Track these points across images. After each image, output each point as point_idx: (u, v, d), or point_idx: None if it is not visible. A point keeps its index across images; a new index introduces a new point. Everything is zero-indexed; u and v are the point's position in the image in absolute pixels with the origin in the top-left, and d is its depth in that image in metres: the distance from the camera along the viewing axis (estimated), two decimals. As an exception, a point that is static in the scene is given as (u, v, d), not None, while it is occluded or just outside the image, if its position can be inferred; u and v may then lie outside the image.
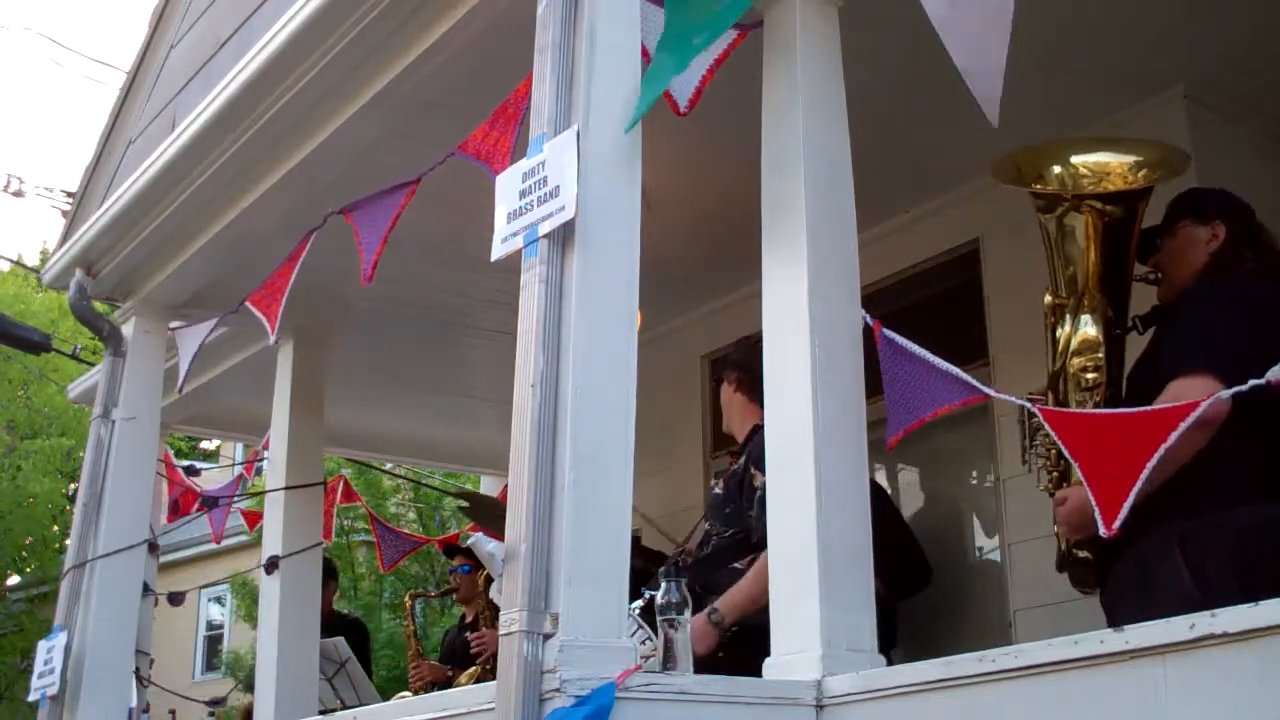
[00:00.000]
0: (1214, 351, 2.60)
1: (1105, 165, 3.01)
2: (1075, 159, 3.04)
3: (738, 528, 3.68)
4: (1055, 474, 3.06)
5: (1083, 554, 3.04)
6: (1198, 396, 2.39)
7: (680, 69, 2.81)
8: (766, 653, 2.67)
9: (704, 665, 3.24)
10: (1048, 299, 3.03)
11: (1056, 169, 3.02)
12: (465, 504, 5.77)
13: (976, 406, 3.12)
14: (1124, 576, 2.75)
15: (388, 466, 13.33)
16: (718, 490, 3.82)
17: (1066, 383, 2.95)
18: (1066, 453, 2.43)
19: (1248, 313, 2.68)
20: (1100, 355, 2.86)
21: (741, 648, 3.30)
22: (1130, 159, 3.04)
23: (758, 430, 3.73)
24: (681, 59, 2.80)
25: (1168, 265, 3.02)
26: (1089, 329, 2.89)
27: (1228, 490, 2.58)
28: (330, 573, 6.82)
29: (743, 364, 3.86)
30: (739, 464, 3.75)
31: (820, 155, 2.88)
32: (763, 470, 3.54)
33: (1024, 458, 3.18)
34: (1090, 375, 2.88)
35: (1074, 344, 2.89)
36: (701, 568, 3.70)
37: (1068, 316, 2.91)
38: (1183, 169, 3.09)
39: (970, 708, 2.24)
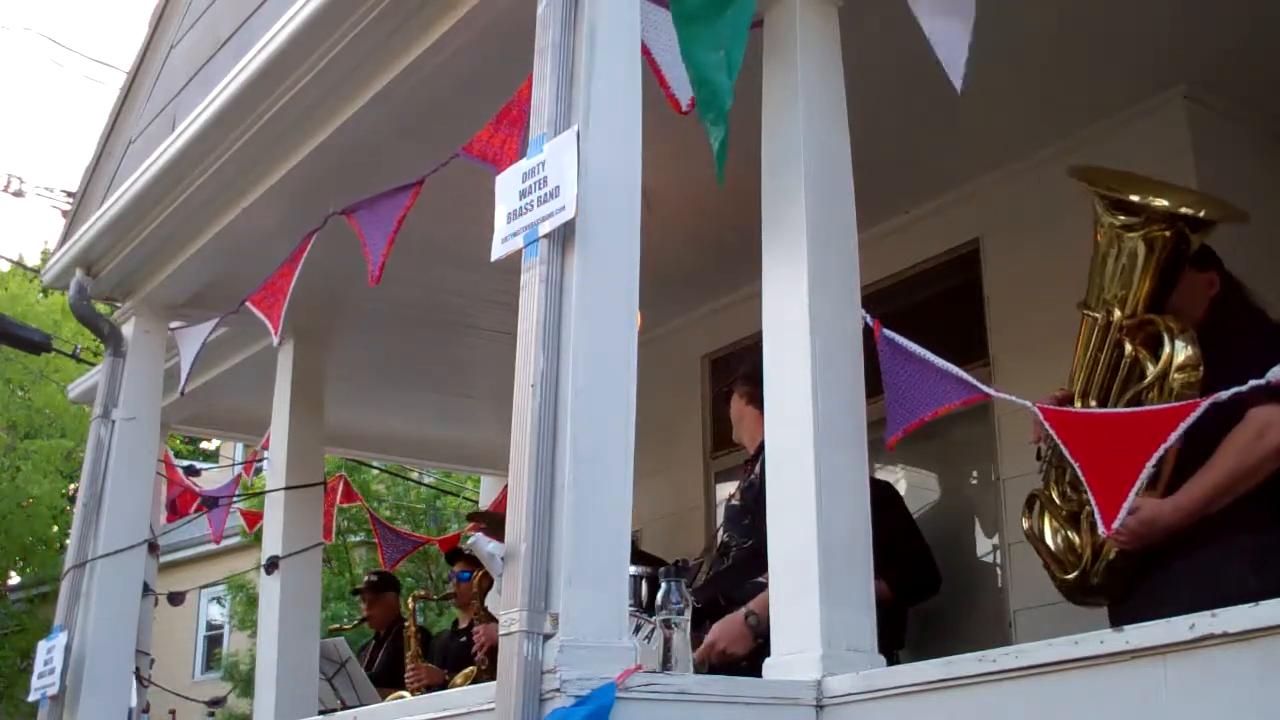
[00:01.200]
0: None
1: (1172, 201, 3.05)
2: (1146, 194, 3.07)
3: (756, 539, 3.69)
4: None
5: (1113, 562, 3.03)
6: None
7: (728, 80, 2.78)
8: None
9: (739, 666, 3.27)
10: (1115, 316, 3.05)
11: (1134, 196, 3.05)
12: (483, 524, 5.78)
13: (976, 406, 3.12)
14: (1174, 589, 2.76)
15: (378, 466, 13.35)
16: (735, 502, 3.84)
17: (1161, 400, 2.96)
18: (1068, 454, 2.43)
19: None
20: (1200, 372, 2.90)
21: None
22: (1194, 202, 3.08)
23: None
24: (722, 72, 2.79)
25: (1178, 306, 3.09)
26: (1190, 349, 2.93)
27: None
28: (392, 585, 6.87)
29: (752, 376, 3.88)
30: (755, 474, 3.75)
31: (820, 155, 2.88)
32: None
33: (1041, 469, 3.21)
34: (1190, 392, 2.91)
35: (1177, 361, 2.92)
36: (723, 579, 3.73)
37: (1162, 336, 2.93)
38: (1239, 221, 3.12)
39: (971, 708, 2.24)
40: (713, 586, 3.73)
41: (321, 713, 5.16)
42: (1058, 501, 3.18)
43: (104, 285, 5.07)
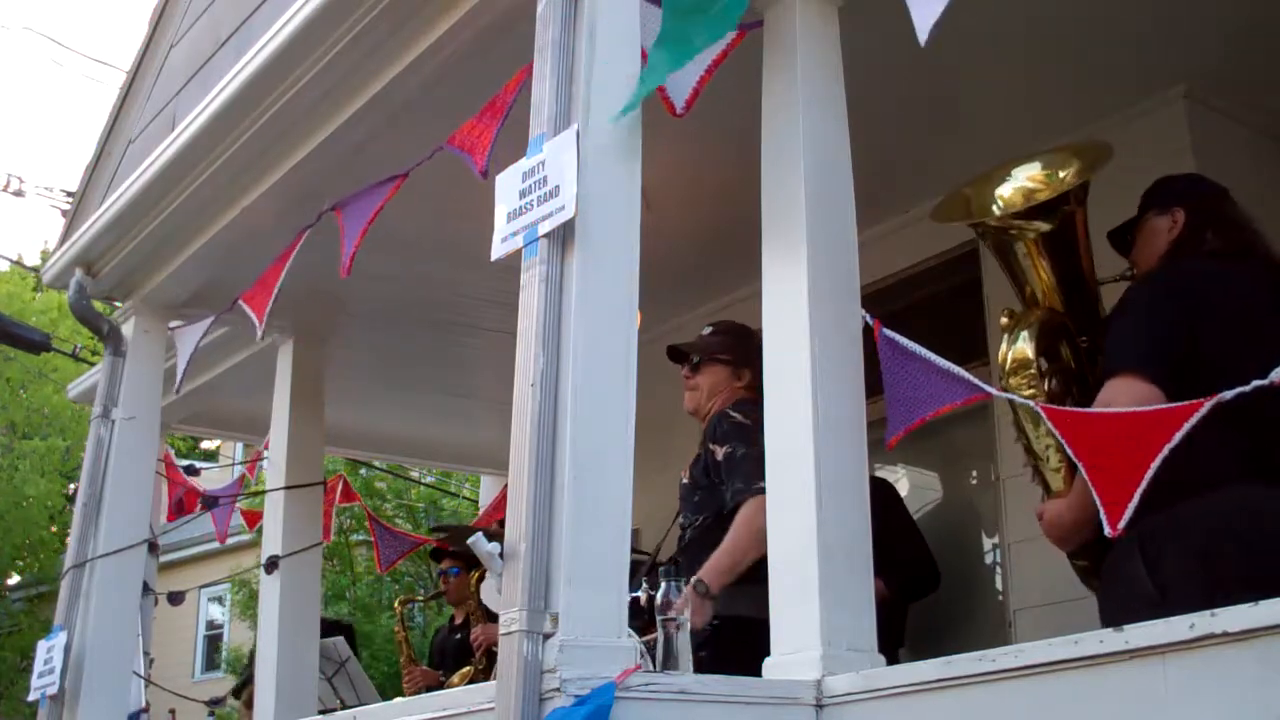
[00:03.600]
0: (1141, 351, 2.59)
1: (1031, 181, 3.03)
2: (1001, 187, 3.07)
3: (707, 512, 3.65)
4: (1038, 481, 3.03)
5: (1080, 562, 3.04)
6: (1126, 398, 2.44)
7: (677, 66, 2.80)
8: (760, 646, 2.65)
9: (699, 640, 3.20)
10: (1003, 321, 3.04)
11: (991, 200, 3.05)
12: (444, 535, 5.79)
13: (976, 406, 3.11)
14: (1103, 578, 2.75)
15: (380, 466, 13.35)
16: (684, 480, 3.79)
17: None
18: (1070, 453, 2.43)
19: (1183, 304, 2.64)
20: (1033, 371, 2.84)
21: (734, 641, 3.27)
22: (1050, 169, 3.06)
23: (721, 415, 3.69)
24: (679, 58, 2.80)
25: (1137, 259, 3.01)
26: (1021, 345, 2.88)
27: (1195, 484, 2.54)
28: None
29: (737, 343, 3.85)
30: (703, 449, 3.70)
31: (820, 155, 2.88)
32: (720, 443, 3.54)
33: (1026, 461, 3.18)
34: (1028, 392, 2.87)
35: (1009, 364, 2.89)
36: (683, 560, 3.66)
37: (1004, 336, 2.91)
38: (1103, 158, 3.06)
39: (970, 708, 2.24)
40: (677, 571, 3.68)
41: (321, 713, 5.16)
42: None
43: (104, 285, 5.07)
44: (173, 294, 5.02)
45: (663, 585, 2.94)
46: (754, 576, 3.10)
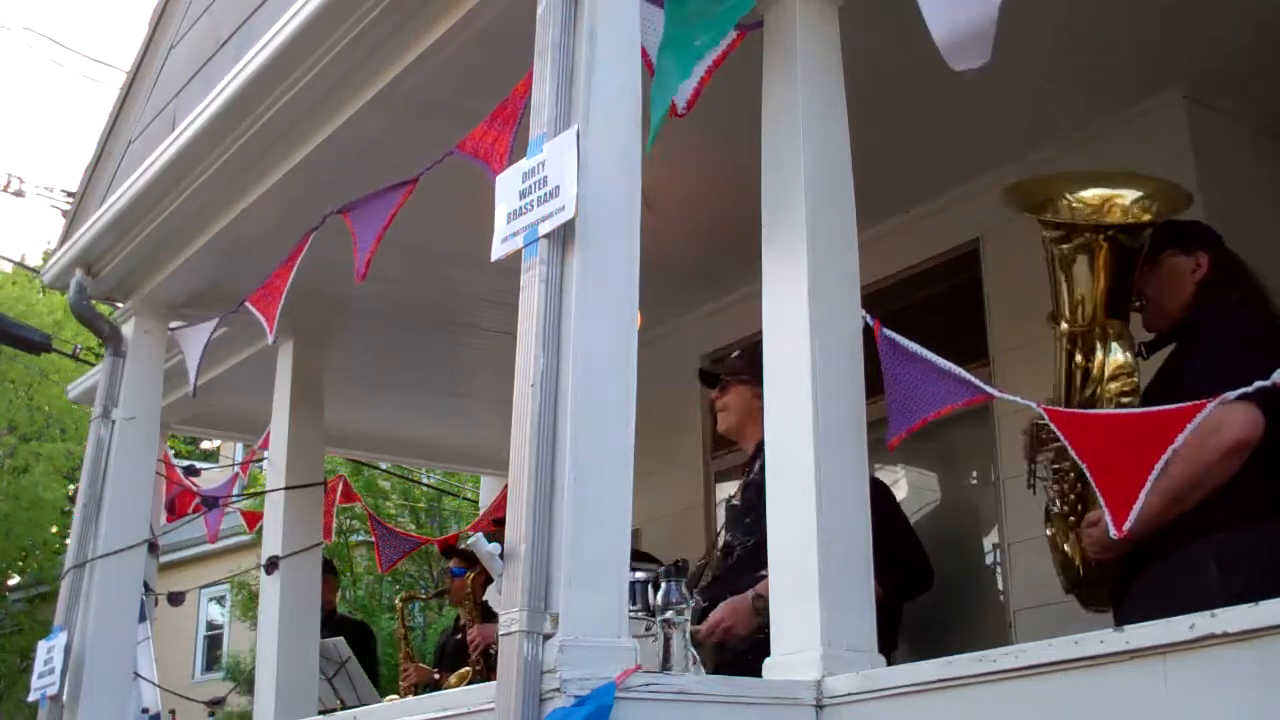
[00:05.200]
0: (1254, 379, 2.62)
1: (1107, 197, 3.03)
2: (1080, 192, 3.07)
3: (758, 536, 3.69)
4: (1072, 495, 3.05)
5: (1102, 573, 3.04)
6: (1246, 420, 2.50)
7: (685, 75, 2.83)
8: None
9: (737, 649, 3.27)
10: (1063, 326, 3.03)
11: (1064, 201, 3.04)
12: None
13: (976, 406, 3.12)
14: (1148, 593, 2.75)
15: (383, 466, 13.36)
16: (735, 502, 3.84)
17: (1100, 408, 2.94)
18: (1075, 455, 2.43)
19: (1266, 347, 2.72)
20: (1135, 379, 2.88)
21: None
22: (1133, 193, 3.06)
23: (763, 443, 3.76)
24: (685, 64, 2.81)
25: (1155, 294, 3.06)
26: (1120, 355, 2.90)
27: (1262, 505, 2.62)
28: (329, 569, 6.81)
29: (755, 363, 3.89)
30: (754, 473, 3.75)
31: (820, 155, 2.88)
32: None
33: (1029, 482, 3.18)
34: (1126, 399, 2.90)
35: (1109, 369, 2.91)
36: (729, 576, 3.73)
37: (1095, 344, 2.92)
38: (1184, 206, 3.11)
39: (970, 708, 2.24)
40: (720, 585, 3.73)
41: (321, 713, 5.16)
42: (1052, 509, 3.17)
43: (104, 285, 5.07)
44: (173, 294, 5.02)
45: (663, 586, 2.94)
46: None
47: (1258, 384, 2.26)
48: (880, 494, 4.34)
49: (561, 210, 2.53)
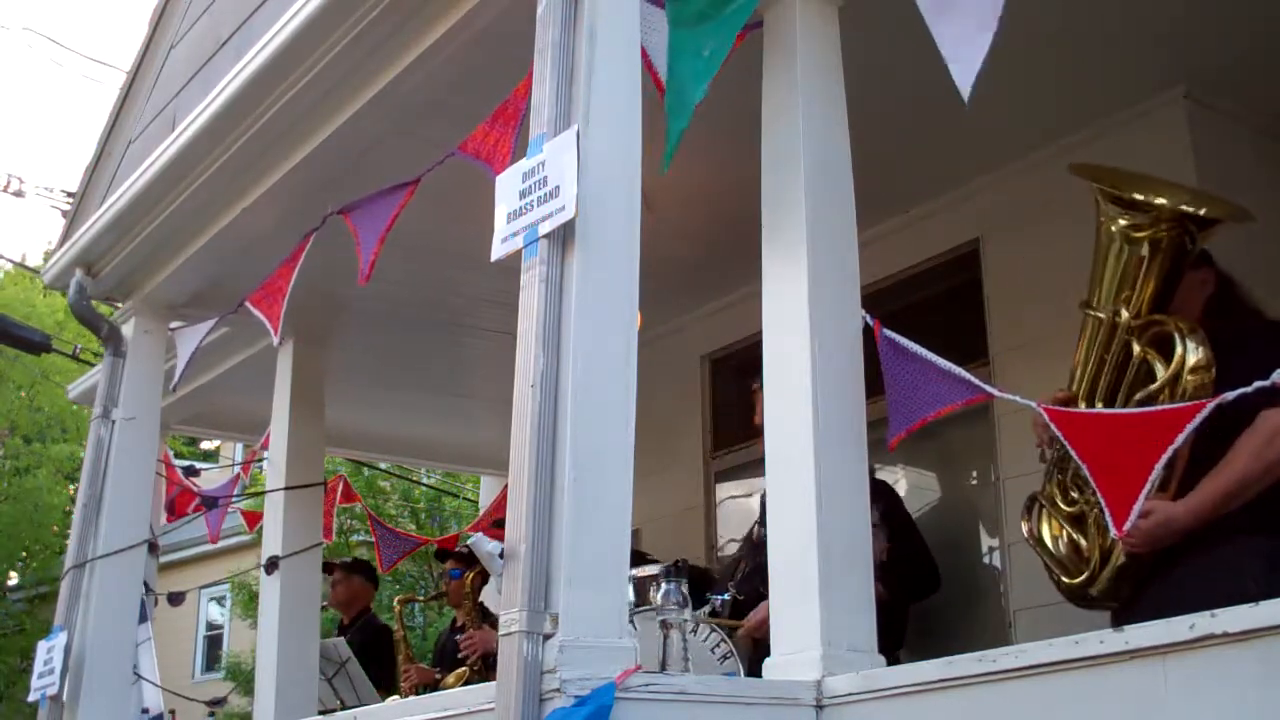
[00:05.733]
0: None
1: (1176, 200, 3.02)
2: (1148, 193, 3.04)
3: None
4: (1090, 489, 3.04)
5: (1121, 564, 3.02)
6: None
7: (700, 86, 2.82)
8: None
9: None
10: (1123, 316, 3.01)
11: (1139, 195, 3.02)
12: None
13: (976, 406, 3.12)
14: (1185, 593, 2.74)
15: (383, 466, 13.35)
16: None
17: (1180, 400, 2.94)
18: (1075, 455, 2.43)
19: None
20: (1212, 373, 2.86)
21: None
22: (1198, 201, 3.05)
23: None
24: (699, 76, 2.81)
25: (1175, 304, 3.06)
26: (1201, 351, 2.88)
27: None
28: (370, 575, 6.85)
29: None
30: None
31: (820, 155, 2.88)
32: None
33: (1045, 482, 3.19)
34: (1204, 394, 2.89)
35: (1190, 362, 2.89)
36: (766, 570, 3.72)
37: (1174, 337, 2.90)
38: (1245, 220, 3.09)
39: (970, 708, 2.24)
40: (756, 578, 3.72)
41: (321, 713, 5.16)
42: (1061, 504, 3.15)
43: (104, 285, 5.07)
44: (173, 294, 5.02)
45: (663, 586, 2.94)
46: None
47: (1240, 390, 2.27)
48: (882, 495, 4.36)
49: (561, 210, 2.53)
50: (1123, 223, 3.02)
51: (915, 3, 2.51)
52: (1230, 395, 2.32)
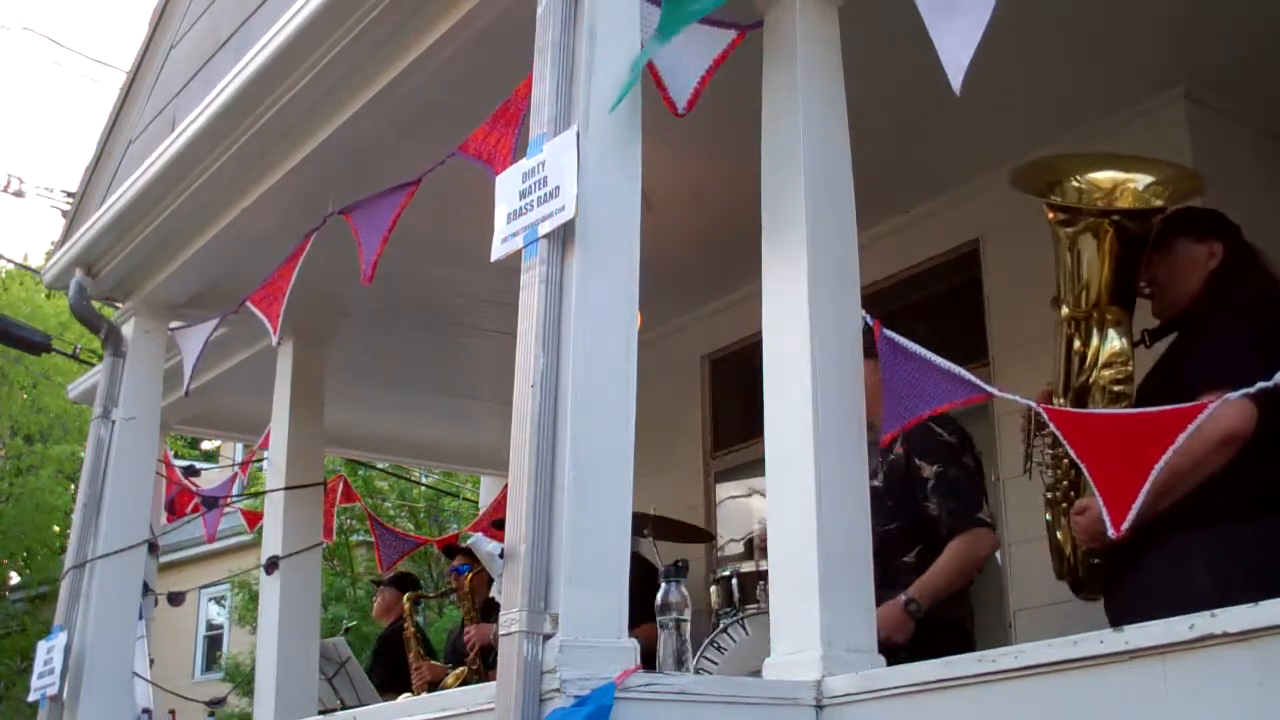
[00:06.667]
0: (1247, 368, 2.59)
1: (1118, 181, 3.01)
2: (1090, 174, 3.04)
3: (901, 520, 3.61)
4: (1065, 483, 3.05)
5: (1094, 561, 3.03)
6: (1235, 411, 2.44)
7: (674, 31, 2.76)
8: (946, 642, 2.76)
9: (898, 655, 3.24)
10: (1064, 311, 3.02)
11: (1073, 183, 3.02)
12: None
13: (976, 406, 3.12)
14: (1142, 583, 2.74)
15: (381, 466, 13.34)
16: (876, 483, 3.74)
17: (1093, 394, 2.93)
18: (1074, 454, 2.42)
19: (1271, 332, 2.70)
20: (1129, 368, 2.86)
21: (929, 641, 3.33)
22: (1145, 178, 3.04)
23: (926, 429, 3.64)
24: (678, 23, 2.76)
25: (1165, 282, 3.02)
26: (1116, 341, 2.88)
27: (1258, 500, 2.60)
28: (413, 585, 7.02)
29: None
30: (897, 456, 3.66)
31: (820, 155, 2.88)
32: (929, 461, 3.56)
33: (1025, 465, 3.17)
34: (1119, 387, 2.89)
35: (1103, 356, 2.89)
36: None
37: (1093, 330, 2.90)
38: (1197, 191, 3.08)
39: (970, 708, 2.24)
40: None
41: (321, 713, 5.16)
42: (1047, 495, 3.17)
43: (104, 285, 5.07)
44: (173, 295, 5.02)
45: (663, 586, 2.94)
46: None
47: (1260, 385, 2.25)
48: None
49: (561, 210, 2.53)
50: (1056, 219, 3.03)
51: (915, 3, 2.51)
52: (1233, 395, 2.31)
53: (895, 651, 3.20)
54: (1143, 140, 4.05)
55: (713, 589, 4.31)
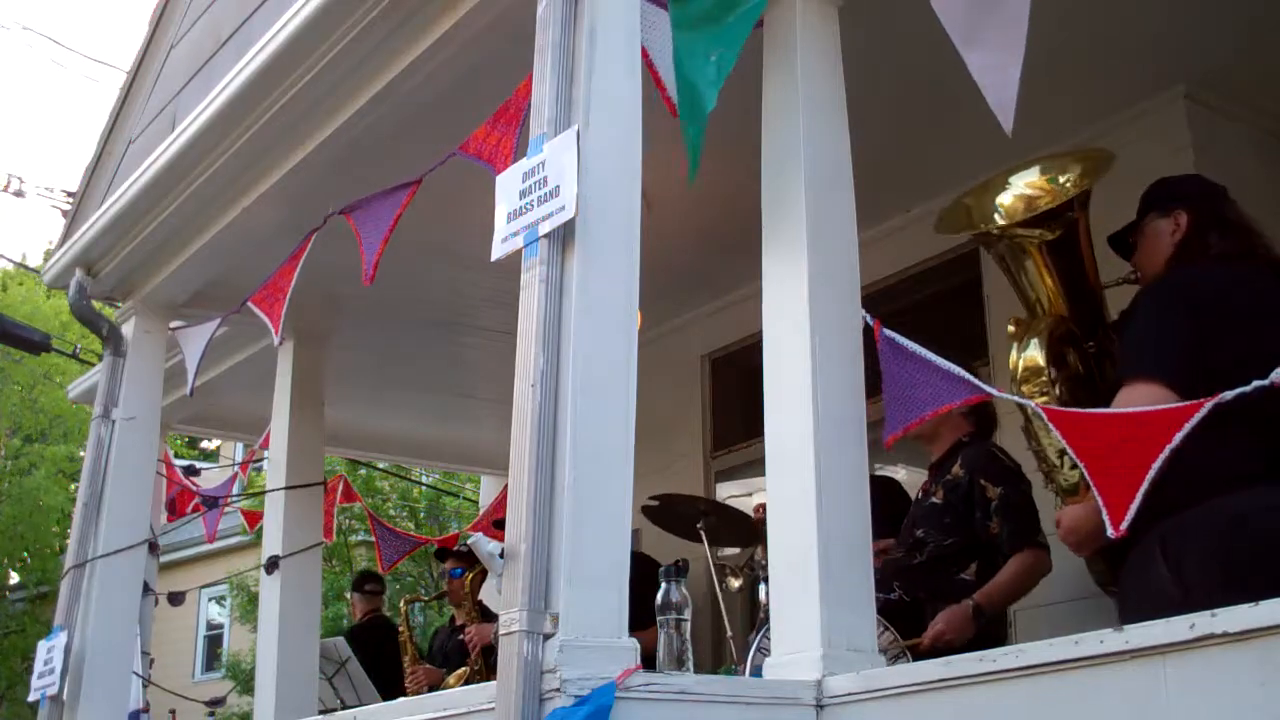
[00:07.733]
0: (1158, 356, 2.56)
1: (1033, 188, 3.03)
2: (1001, 195, 3.07)
3: (959, 536, 3.71)
4: (1052, 487, 3.05)
5: (1098, 567, 3.04)
6: (1143, 402, 2.41)
7: (712, 89, 2.81)
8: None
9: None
10: (1010, 329, 3.05)
11: (993, 208, 3.05)
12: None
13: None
14: (1122, 581, 2.74)
15: (381, 466, 13.35)
16: (936, 500, 3.80)
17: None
18: (1072, 454, 2.42)
19: (1193, 309, 2.61)
20: (1044, 379, 2.85)
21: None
22: (1051, 175, 3.06)
23: (961, 444, 3.86)
24: (708, 85, 2.81)
25: (1141, 262, 2.98)
26: (1032, 353, 2.89)
27: (1209, 484, 2.54)
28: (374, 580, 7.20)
29: None
30: (955, 475, 3.77)
31: (820, 155, 2.88)
32: (994, 482, 3.68)
33: (1040, 465, 3.18)
34: (1040, 400, 2.88)
35: (1019, 372, 2.90)
36: (919, 574, 3.74)
37: (1014, 345, 2.92)
38: (1104, 165, 3.07)
39: (970, 708, 2.24)
40: (903, 577, 3.72)
41: (321, 713, 5.16)
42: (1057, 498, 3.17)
43: (104, 285, 5.07)
44: (173, 294, 5.02)
45: (663, 585, 2.93)
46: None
47: (1239, 390, 2.24)
48: (893, 493, 4.37)
49: (561, 210, 2.53)
50: (990, 248, 3.06)
51: (927, 5, 2.50)
52: (1229, 395, 2.31)
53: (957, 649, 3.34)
54: (1143, 140, 4.06)
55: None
